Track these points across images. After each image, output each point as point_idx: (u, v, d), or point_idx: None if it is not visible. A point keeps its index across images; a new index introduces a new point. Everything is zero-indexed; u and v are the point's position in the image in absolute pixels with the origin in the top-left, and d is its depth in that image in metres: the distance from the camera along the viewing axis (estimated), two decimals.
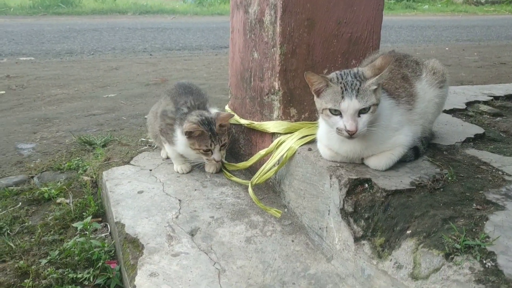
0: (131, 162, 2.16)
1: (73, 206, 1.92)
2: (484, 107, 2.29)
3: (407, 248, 1.16)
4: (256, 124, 1.92)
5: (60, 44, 6.58)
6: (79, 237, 1.66)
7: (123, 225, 1.58)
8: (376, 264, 1.23)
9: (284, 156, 1.68)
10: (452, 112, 2.15)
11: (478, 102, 2.39)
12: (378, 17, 1.79)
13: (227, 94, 2.40)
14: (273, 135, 1.82)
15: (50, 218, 1.85)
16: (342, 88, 1.30)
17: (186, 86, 2.09)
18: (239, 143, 2.16)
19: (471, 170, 1.44)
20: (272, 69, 1.76)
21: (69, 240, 1.66)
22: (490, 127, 1.94)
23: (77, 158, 2.43)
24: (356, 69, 1.36)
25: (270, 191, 1.88)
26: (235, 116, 2.08)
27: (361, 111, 1.30)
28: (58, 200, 1.99)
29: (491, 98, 2.48)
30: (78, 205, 1.93)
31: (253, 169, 1.95)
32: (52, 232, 1.75)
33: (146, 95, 3.92)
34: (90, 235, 1.69)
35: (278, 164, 1.72)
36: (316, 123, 1.63)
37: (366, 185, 1.35)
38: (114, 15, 10.76)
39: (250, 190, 1.75)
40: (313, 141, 1.65)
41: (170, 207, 1.71)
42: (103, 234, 1.75)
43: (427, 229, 1.16)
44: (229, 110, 2.20)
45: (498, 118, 2.11)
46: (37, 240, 1.69)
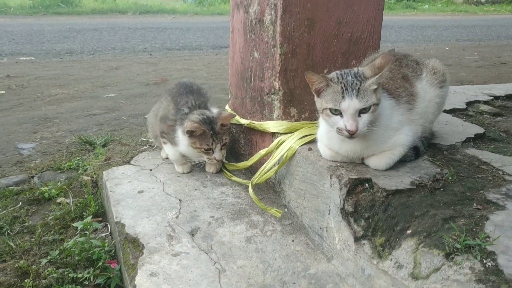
0: (131, 162, 2.16)
1: (73, 206, 1.92)
2: (484, 107, 2.29)
3: (407, 247, 1.16)
4: (256, 124, 1.91)
5: (60, 44, 6.58)
6: (79, 237, 1.66)
7: (123, 225, 1.59)
8: (377, 264, 1.23)
9: (284, 156, 1.68)
10: (452, 112, 2.16)
11: (478, 102, 2.39)
12: (378, 17, 1.79)
13: (227, 94, 2.40)
14: (273, 135, 1.82)
15: (50, 218, 1.85)
16: (342, 87, 1.30)
17: (187, 86, 2.09)
18: (239, 143, 2.16)
19: (472, 170, 1.44)
20: (272, 68, 1.76)
21: (69, 240, 1.66)
22: (490, 127, 1.94)
23: (77, 158, 2.43)
24: (356, 69, 1.36)
25: (270, 191, 1.88)
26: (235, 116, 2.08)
27: (362, 111, 1.30)
28: (58, 200, 1.99)
29: (491, 98, 2.48)
30: (78, 205, 1.93)
31: (253, 169, 1.95)
32: (52, 232, 1.75)
33: (146, 95, 3.92)
34: (90, 235, 1.69)
35: (278, 164, 1.72)
36: (316, 123, 1.63)
37: (367, 184, 1.35)
38: (114, 15, 10.76)
39: (250, 190, 1.75)
40: (313, 141, 1.65)
41: (170, 207, 1.71)
42: (103, 234, 1.75)
43: (427, 229, 1.16)
44: (229, 110, 2.19)
45: (498, 118, 2.11)
46: (37, 240, 1.69)
